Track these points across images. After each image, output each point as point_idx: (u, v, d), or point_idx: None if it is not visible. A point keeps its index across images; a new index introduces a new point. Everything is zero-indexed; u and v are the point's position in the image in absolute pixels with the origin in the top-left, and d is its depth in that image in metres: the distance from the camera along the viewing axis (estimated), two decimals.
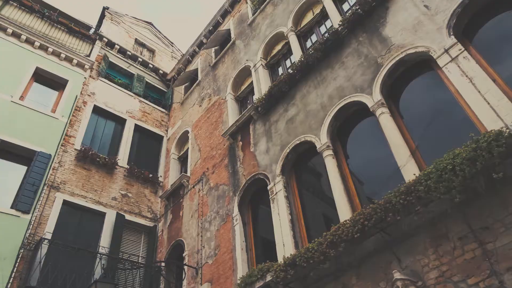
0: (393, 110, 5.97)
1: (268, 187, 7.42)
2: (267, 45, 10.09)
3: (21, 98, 10.61)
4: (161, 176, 12.11)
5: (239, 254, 7.33)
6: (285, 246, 6.37)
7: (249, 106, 9.40)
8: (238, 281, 6.69)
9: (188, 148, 11.77)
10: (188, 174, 10.75)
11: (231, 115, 10.13)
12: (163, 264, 9.04)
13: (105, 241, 9.48)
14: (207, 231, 8.71)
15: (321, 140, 6.70)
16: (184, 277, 8.40)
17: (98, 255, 8.76)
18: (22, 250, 8.10)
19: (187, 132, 12.17)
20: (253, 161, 8.31)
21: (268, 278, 5.97)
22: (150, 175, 11.71)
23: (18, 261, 7.94)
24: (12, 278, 7.66)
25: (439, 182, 4.15)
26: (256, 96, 9.34)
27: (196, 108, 12.47)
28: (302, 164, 7.53)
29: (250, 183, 8.12)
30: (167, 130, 13.81)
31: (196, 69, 13.78)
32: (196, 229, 9.13)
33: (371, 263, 4.94)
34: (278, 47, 9.89)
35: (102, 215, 10.01)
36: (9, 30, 11.51)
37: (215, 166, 9.69)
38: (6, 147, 9.46)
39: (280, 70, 9.61)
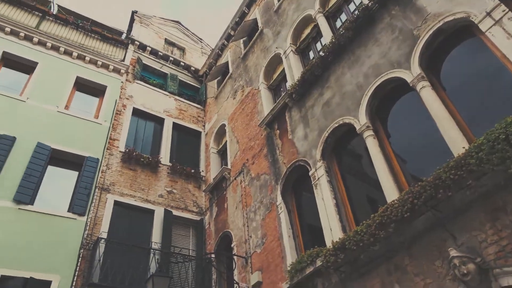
0: (434, 83, 5.71)
1: (310, 173, 7.39)
2: (295, 30, 9.95)
3: (66, 107, 11.18)
4: (202, 171, 12.39)
5: (286, 241, 7.39)
6: (332, 230, 6.34)
7: (283, 94, 9.36)
8: (288, 268, 6.76)
9: (226, 141, 11.94)
10: (229, 166, 10.91)
11: (266, 104, 10.13)
12: (213, 255, 9.29)
13: (156, 236, 9.88)
14: (253, 221, 8.84)
15: (360, 121, 6.56)
16: (235, 267, 8.60)
17: (152, 250, 9.15)
18: (82, 250, 8.63)
19: (223, 125, 12.33)
20: (292, 148, 8.29)
21: (318, 263, 5.99)
22: (192, 171, 12.02)
23: (79, 260, 8.47)
24: (76, 277, 8.19)
25: (492, 154, 3.96)
26: (289, 83, 9.27)
27: (230, 101, 12.58)
28: (342, 147, 7.43)
29: (291, 170, 8.12)
30: (204, 125, 14.06)
31: (227, 62, 13.86)
32: (241, 220, 9.28)
33: (424, 242, 4.81)
34: (307, 30, 9.72)
35: (151, 212, 10.42)
36: (49, 44, 12.11)
37: (255, 157, 9.76)
38: (58, 155, 10.03)
39: (311, 54, 9.46)
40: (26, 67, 11.47)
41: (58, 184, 9.91)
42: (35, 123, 10.13)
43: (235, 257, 8.72)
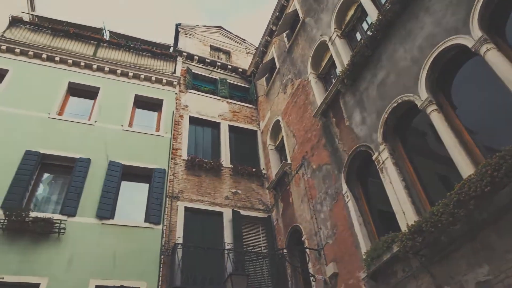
0: (500, 44, 5.26)
1: (373, 158, 7.17)
2: (338, 14, 9.68)
3: (130, 125, 11.93)
4: (263, 169, 12.55)
5: (358, 229, 7.24)
6: (405, 214, 6.10)
7: (334, 81, 9.16)
8: (364, 256, 6.62)
9: (282, 137, 11.97)
10: (289, 161, 10.93)
11: (318, 94, 10.00)
12: (285, 250, 9.37)
13: (228, 237, 10.19)
14: (320, 212, 8.77)
15: (421, 96, 6.23)
16: (308, 260, 8.61)
17: (226, 251, 9.46)
18: (162, 257, 9.15)
19: (278, 121, 12.37)
20: (351, 135, 8.10)
21: (395, 249, 5.80)
22: (254, 170, 12.21)
23: (161, 266, 9.00)
24: (160, 282, 8.71)
25: None
26: (339, 69, 9.06)
27: (281, 96, 12.58)
28: (404, 127, 7.10)
29: (353, 157, 7.94)
30: (258, 124, 14.22)
31: (273, 58, 13.87)
32: (309, 213, 9.26)
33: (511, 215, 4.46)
34: (351, 12, 9.41)
35: (220, 214, 10.76)
36: (106, 69, 12.99)
37: (314, 148, 9.68)
38: (128, 170, 10.72)
39: (358, 36, 9.15)
40: (90, 93, 12.40)
41: (132, 197, 10.60)
42: (104, 144, 10.90)
43: (307, 250, 8.72)
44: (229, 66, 15.90)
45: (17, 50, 12.18)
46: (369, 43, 7.71)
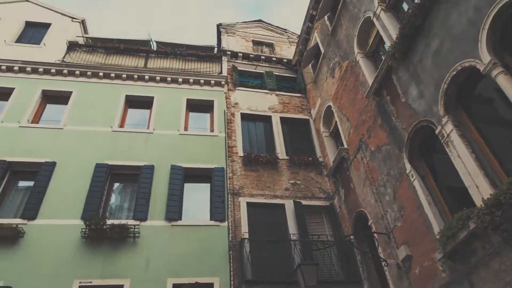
0: None
1: (436, 132, 6.76)
2: None
3: (185, 128, 12.38)
4: (320, 157, 12.39)
5: (428, 208, 6.90)
6: (479, 188, 5.70)
7: (383, 58, 8.77)
8: (437, 236, 6.30)
9: (336, 122, 11.71)
10: (345, 146, 10.68)
11: (368, 73, 9.63)
12: (352, 237, 9.19)
13: (292, 228, 10.22)
14: (385, 195, 8.48)
15: (483, 60, 5.75)
16: (377, 245, 8.37)
17: (292, 242, 9.50)
18: (231, 252, 9.42)
19: (329, 107, 12.13)
20: (409, 111, 7.70)
21: (472, 225, 5.44)
22: (310, 158, 12.11)
23: (231, 261, 9.26)
24: (232, 276, 8.98)
25: None
26: (387, 44, 8.63)
27: (329, 81, 12.30)
28: (467, 95, 6.60)
29: (414, 134, 7.55)
30: (310, 112, 14.04)
31: (317, 44, 13.59)
32: (372, 196, 8.99)
33: None
34: None
35: (282, 206, 10.82)
36: (158, 78, 13.56)
37: (370, 130, 9.36)
38: (189, 172, 11.15)
39: (405, 6, 8.64)
40: (146, 103, 13.04)
41: (196, 197, 11.01)
42: (165, 149, 11.44)
43: (375, 235, 8.49)
44: (273, 58, 15.85)
45: (77, 72, 13.13)
46: (418, 12, 7.27)
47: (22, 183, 10.56)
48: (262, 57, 15.76)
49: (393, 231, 8.02)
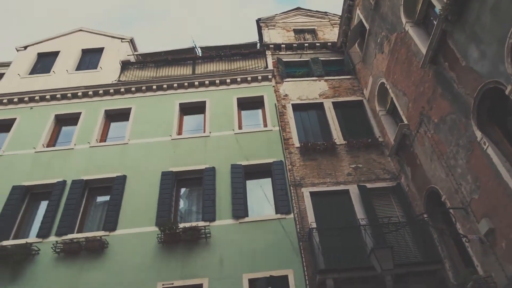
0: None
1: (507, 92, 6.19)
2: None
3: (240, 127, 12.60)
4: (379, 137, 11.94)
5: (507, 176, 6.36)
6: None
7: (435, 22, 8.21)
8: None
9: (391, 98, 11.20)
10: (405, 121, 10.18)
11: (420, 42, 9.08)
12: (425, 215, 8.75)
13: (360, 213, 9.99)
14: (456, 167, 7.96)
15: None
16: (455, 221, 7.89)
17: (361, 227, 9.28)
18: (300, 243, 9.43)
19: (383, 84, 11.62)
20: (472, 75, 7.14)
21: None
22: (369, 140, 11.72)
23: (302, 252, 9.27)
24: (305, 267, 8.99)
25: None
26: (438, 7, 8.08)
27: (379, 57, 11.79)
28: None
29: (480, 98, 6.99)
30: (362, 93, 13.58)
31: (360, 21, 13.08)
32: (442, 171, 8.49)
33: None
34: None
35: (346, 192, 10.61)
36: (206, 82, 13.95)
37: (430, 101, 8.83)
38: (249, 169, 11.33)
39: None
40: (199, 108, 13.48)
41: (259, 193, 11.16)
42: (223, 150, 11.74)
43: (451, 211, 8.01)
44: (317, 44, 15.55)
45: (133, 89, 13.91)
46: None
47: (99, 199, 11.44)
48: (306, 44, 15.52)
49: (470, 204, 7.51)
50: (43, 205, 11.04)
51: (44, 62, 15.83)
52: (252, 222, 10.01)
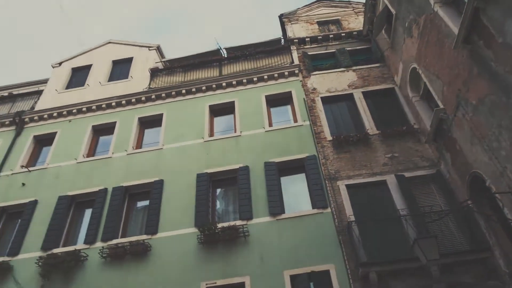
0: None
1: None
2: None
3: (270, 125, 12.61)
4: (414, 124, 11.58)
5: None
6: None
7: (465, 0, 7.83)
8: None
9: (425, 83, 10.82)
10: (441, 106, 9.81)
11: (451, 22, 8.69)
12: (469, 202, 8.40)
13: (399, 203, 9.73)
14: (499, 150, 7.59)
15: None
16: (502, 206, 7.53)
17: (402, 217, 9.05)
18: (340, 237, 9.32)
19: (414, 69, 11.25)
20: (510, 51, 6.77)
21: None
22: (404, 128, 11.40)
23: (342, 246, 9.16)
24: (346, 261, 8.88)
25: None
26: None
27: (408, 42, 11.41)
28: None
29: None
30: (393, 80, 13.21)
31: (386, 6, 12.70)
32: (485, 154, 8.11)
33: None
34: None
35: (383, 183, 10.37)
36: (234, 82, 14.07)
37: (466, 83, 8.46)
38: (283, 166, 11.32)
39: None
40: (228, 108, 13.62)
41: (294, 189, 11.13)
42: (255, 148, 11.80)
43: (497, 195, 7.64)
44: (342, 34, 15.27)
45: (163, 95, 14.24)
46: None
47: (139, 204, 11.81)
48: (331, 36, 15.28)
49: None
50: (88, 212, 11.57)
51: (78, 76, 16.52)
52: (289, 219, 9.99)
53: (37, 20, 60.51)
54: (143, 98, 14.32)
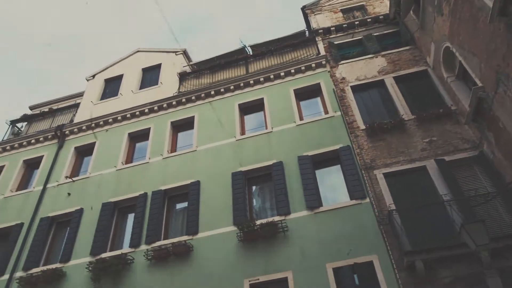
0: None
1: None
2: None
3: (301, 118, 12.51)
4: (451, 105, 11.11)
5: None
6: None
7: None
8: None
9: (460, 62, 10.36)
10: (479, 84, 9.35)
11: None
12: None
13: (442, 188, 9.38)
14: None
15: None
16: None
17: (446, 203, 8.73)
18: (381, 227, 9.11)
19: (447, 48, 10.78)
20: None
21: None
22: (440, 110, 10.96)
23: (384, 236, 8.95)
24: (390, 250, 8.66)
25: None
26: None
27: (439, 20, 10.95)
28: None
29: None
30: (425, 62, 12.73)
31: None
32: None
33: None
34: None
35: (423, 168, 10.03)
36: (261, 79, 14.06)
37: (506, 57, 8.00)
38: (317, 159, 11.20)
39: None
40: (258, 106, 13.65)
41: (330, 181, 11.01)
42: (287, 143, 11.75)
43: None
44: (368, 20, 14.87)
45: (193, 98, 14.48)
46: None
47: (178, 205, 12.09)
48: (356, 22, 14.93)
49: None
50: (130, 217, 11.99)
51: (111, 87, 17.11)
52: (328, 211, 9.88)
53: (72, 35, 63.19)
54: (174, 103, 14.62)
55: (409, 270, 8.25)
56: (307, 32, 16.13)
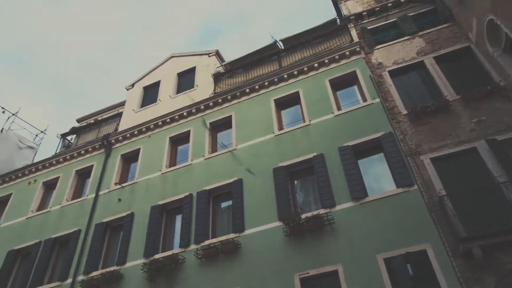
0: None
1: None
2: None
3: (338, 108, 12.34)
4: (500, 81, 10.45)
5: None
6: None
7: None
8: None
9: (506, 34, 9.72)
10: None
11: None
12: None
13: (495, 170, 8.85)
14: None
15: None
16: None
17: (501, 185, 8.27)
18: (432, 214, 8.78)
19: (491, 20, 10.14)
20: None
21: None
22: (488, 87, 10.35)
23: (436, 223, 8.61)
24: (444, 238, 8.33)
25: None
26: None
27: None
28: None
29: None
30: (468, 38, 12.05)
31: None
32: None
33: None
34: None
35: (473, 150, 9.54)
36: (295, 72, 13.94)
37: None
38: (358, 148, 10.99)
39: None
40: (293, 99, 13.57)
41: (374, 170, 10.75)
42: (326, 135, 11.61)
43: None
44: (401, 0, 14.29)
45: (229, 97, 14.64)
46: None
47: (223, 204, 12.30)
48: (389, 4, 14.40)
49: None
50: (178, 218, 12.38)
51: (150, 94, 17.68)
52: (374, 201, 9.67)
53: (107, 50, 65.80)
54: (210, 104, 14.86)
55: (465, 257, 7.91)
56: (338, 20, 15.79)
